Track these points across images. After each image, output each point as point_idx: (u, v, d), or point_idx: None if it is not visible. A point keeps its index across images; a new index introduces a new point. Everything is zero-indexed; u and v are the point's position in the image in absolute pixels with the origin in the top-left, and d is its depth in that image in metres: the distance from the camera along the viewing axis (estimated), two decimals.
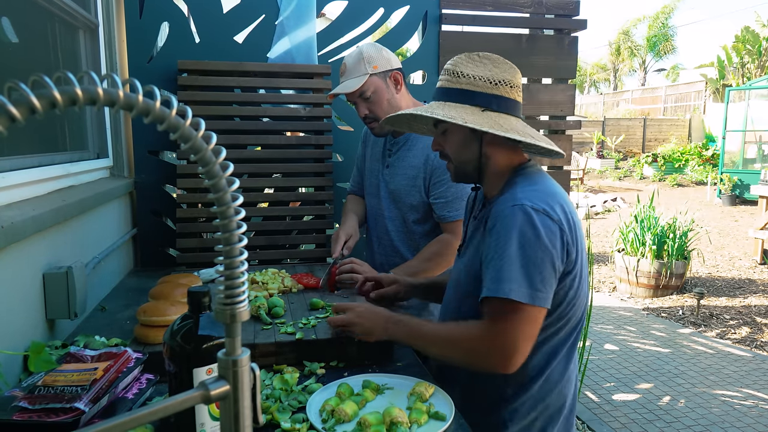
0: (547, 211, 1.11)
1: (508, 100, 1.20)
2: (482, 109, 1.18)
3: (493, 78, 1.19)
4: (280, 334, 1.31)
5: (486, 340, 1.10)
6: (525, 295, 1.06)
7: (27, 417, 0.87)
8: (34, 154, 1.50)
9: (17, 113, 0.36)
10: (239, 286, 0.51)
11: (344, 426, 1.00)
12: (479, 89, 1.19)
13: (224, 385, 0.52)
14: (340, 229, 1.92)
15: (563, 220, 1.13)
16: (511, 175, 1.23)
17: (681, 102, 22.47)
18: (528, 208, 1.10)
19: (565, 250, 1.12)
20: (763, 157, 11.43)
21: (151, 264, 2.25)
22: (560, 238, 1.11)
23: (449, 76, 1.22)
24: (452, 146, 1.26)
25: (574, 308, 1.19)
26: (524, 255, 1.08)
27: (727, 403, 3.35)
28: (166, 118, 0.44)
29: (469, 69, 1.20)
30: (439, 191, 1.78)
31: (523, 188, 1.16)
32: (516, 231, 1.09)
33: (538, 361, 1.19)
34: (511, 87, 1.21)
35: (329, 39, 2.42)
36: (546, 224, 1.10)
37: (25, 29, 1.57)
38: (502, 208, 1.13)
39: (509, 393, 1.21)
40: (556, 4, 2.63)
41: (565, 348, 1.22)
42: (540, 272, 1.08)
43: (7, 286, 1.15)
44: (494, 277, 1.09)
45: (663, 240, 5.32)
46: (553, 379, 1.22)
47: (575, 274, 1.16)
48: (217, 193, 0.48)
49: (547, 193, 1.15)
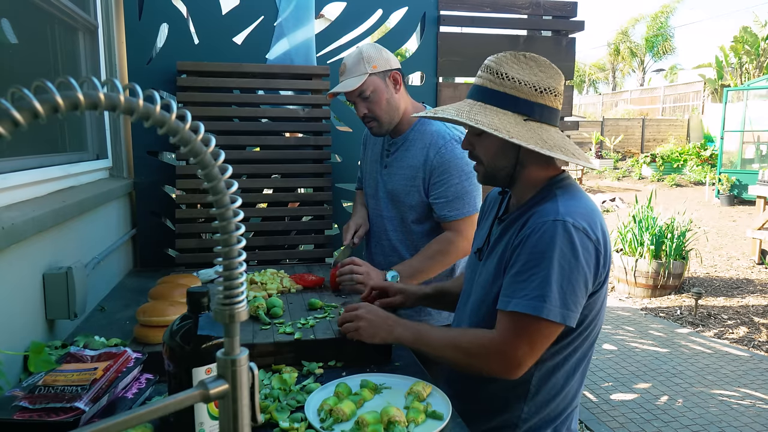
0: (586, 230, 1.08)
1: (551, 110, 1.15)
2: (525, 118, 1.13)
3: (539, 85, 1.13)
4: (279, 334, 1.32)
5: (500, 351, 1.10)
6: (558, 314, 1.05)
7: (27, 416, 0.87)
8: (34, 156, 1.51)
9: (21, 118, 0.37)
10: (238, 287, 0.52)
11: (342, 425, 1.00)
12: (523, 96, 1.13)
13: (223, 384, 0.53)
14: (351, 220, 2.00)
15: (600, 240, 1.11)
16: (547, 186, 1.19)
17: (679, 102, 22.50)
18: (569, 225, 1.07)
19: (597, 271, 1.11)
20: (761, 157, 11.45)
21: (151, 264, 2.26)
22: (595, 258, 1.09)
23: (492, 76, 1.15)
24: (487, 151, 1.20)
25: (596, 326, 1.19)
26: (561, 274, 1.06)
27: (725, 403, 3.36)
28: (166, 122, 0.44)
29: (514, 71, 1.13)
30: (439, 191, 1.78)
31: (565, 203, 1.12)
32: (556, 248, 1.06)
33: (557, 380, 1.19)
34: (555, 96, 1.15)
35: (328, 40, 2.42)
36: (584, 244, 1.08)
37: (25, 31, 1.57)
38: (543, 221, 1.10)
39: (525, 412, 1.20)
40: (553, 6, 2.64)
41: (584, 364, 1.22)
42: (574, 292, 1.07)
43: (8, 287, 1.15)
44: (526, 293, 1.07)
45: (661, 240, 5.33)
46: (570, 395, 1.22)
47: (602, 293, 1.15)
48: (216, 195, 0.49)
49: (587, 210, 1.12)
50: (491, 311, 1.17)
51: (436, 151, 1.78)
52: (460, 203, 1.76)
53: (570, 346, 1.17)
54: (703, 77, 20.52)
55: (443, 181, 1.77)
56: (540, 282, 1.06)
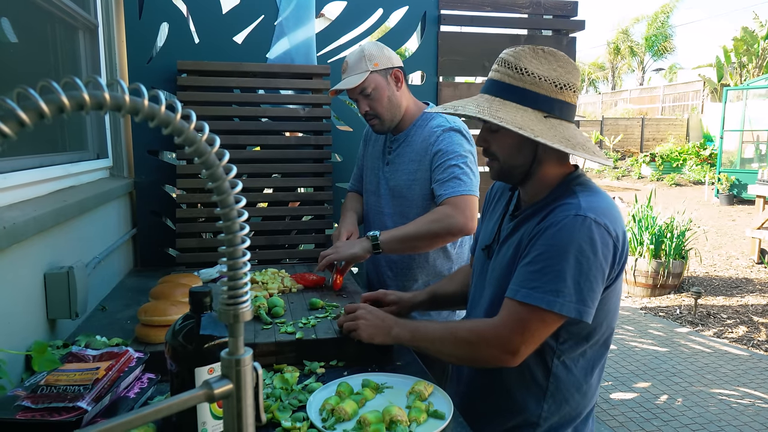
0: (607, 227, 1.08)
1: (570, 107, 1.13)
2: (545, 115, 1.10)
3: (559, 80, 1.11)
4: (280, 333, 1.32)
5: (498, 336, 1.09)
6: (573, 309, 1.05)
7: (30, 416, 0.87)
8: (34, 155, 1.51)
9: (26, 118, 0.37)
10: (242, 287, 0.52)
11: (344, 425, 1.00)
12: (544, 92, 1.10)
13: (227, 383, 0.53)
14: (341, 226, 1.95)
15: (620, 237, 1.10)
16: (564, 183, 1.17)
17: (679, 102, 22.51)
18: (591, 221, 1.06)
19: (613, 266, 1.10)
20: (760, 157, 11.46)
21: (151, 264, 2.25)
22: (612, 253, 1.09)
23: (510, 71, 1.12)
24: (503, 148, 1.17)
25: (612, 322, 1.18)
26: (579, 269, 1.05)
27: (724, 402, 3.36)
28: (171, 122, 0.44)
29: (533, 66, 1.10)
30: (437, 174, 1.77)
31: (586, 198, 1.11)
32: (575, 243, 1.05)
33: (576, 377, 1.18)
34: (574, 92, 1.13)
35: (328, 39, 2.42)
36: (604, 239, 1.07)
37: (25, 30, 1.57)
38: (565, 215, 1.08)
39: (545, 410, 1.19)
40: (554, 5, 2.64)
41: (602, 361, 1.22)
42: (591, 288, 1.06)
43: (9, 286, 1.15)
44: (538, 284, 1.06)
45: (660, 239, 5.33)
46: (590, 393, 1.22)
47: (616, 288, 1.15)
48: (220, 194, 0.49)
49: (609, 207, 1.11)
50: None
51: (435, 139, 1.80)
52: (456, 182, 1.74)
53: (587, 343, 1.16)
54: (703, 77, 20.53)
55: (441, 164, 1.77)
56: (555, 275, 1.05)
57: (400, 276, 1.93)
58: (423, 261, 1.90)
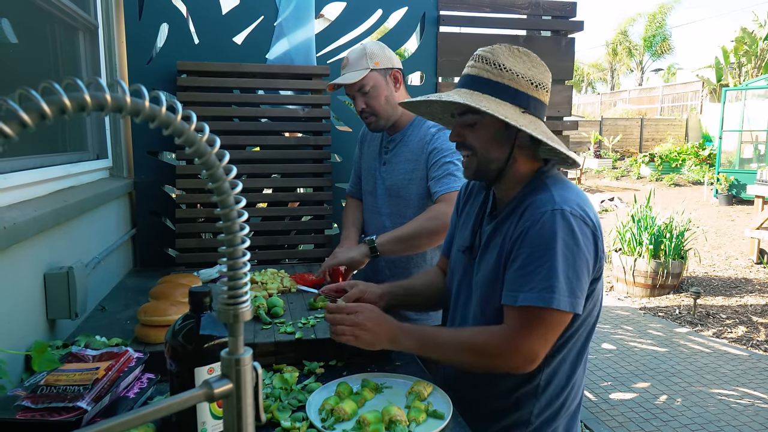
0: (583, 217, 1.09)
1: (543, 105, 1.16)
2: (522, 111, 1.13)
3: (534, 79, 1.14)
4: (280, 333, 1.32)
5: (516, 346, 1.09)
6: (567, 303, 1.06)
7: (30, 416, 0.88)
8: (34, 156, 1.51)
9: (28, 119, 0.37)
10: (242, 287, 0.52)
11: (343, 425, 1.01)
12: (521, 88, 1.13)
13: (227, 383, 0.53)
14: (342, 241, 1.94)
15: (596, 224, 1.12)
16: (536, 178, 1.19)
17: (678, 102, 22.53)
18: (567, 214, 1.08)
19: (597, 256, 1.11)
20: (759, 157, 11.46)
21: (151, 264, 2.26)
22: (593, 243, 1.10)
23: (489, 66, 1.13)
24: (481, 141, 1.17)
25: (596, 313, 1.20)
26: (566, 263, 1.06)
27: (723, 402, 3.37)
28: (172, 123, 0.45)
29: (510, 63, 1.13)
30: (434, 171, 1.79)
31: (558, 191, 1.13)
32: (558, 238, 1.06)
33: (564, 371, 1.19)
34: (546, 91, 1.17)
35: (328, 40, 2.43)
36: (583, 230, 1.09)
37: (25, 30, 1.57)
38: (542, 211, 1.09)
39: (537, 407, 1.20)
40: (553, 6, 2.64)
41: (585, 353, 1.23)
42: (579, 279, 1.08)
43: (9, 286, 1.16)
44: (532, 285, 1.07)
45: (660, 240, 5.34)
46: (576, 385, 1.22)
47: (601, 280, 1.16)
48: (220, 195, 0.49)
49: (580, 198, 1.13)
50: (498, 308, 1.16)
51: (430, 138, 1.82)
52: (451, 179, 1.76)
53: (574, 336, 1.17)
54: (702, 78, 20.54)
55: (437, 162, 1.79)
56: (546, 273, 1.06)
57: (398, 275, 1.93)
58: (420, 260, 1.91)
